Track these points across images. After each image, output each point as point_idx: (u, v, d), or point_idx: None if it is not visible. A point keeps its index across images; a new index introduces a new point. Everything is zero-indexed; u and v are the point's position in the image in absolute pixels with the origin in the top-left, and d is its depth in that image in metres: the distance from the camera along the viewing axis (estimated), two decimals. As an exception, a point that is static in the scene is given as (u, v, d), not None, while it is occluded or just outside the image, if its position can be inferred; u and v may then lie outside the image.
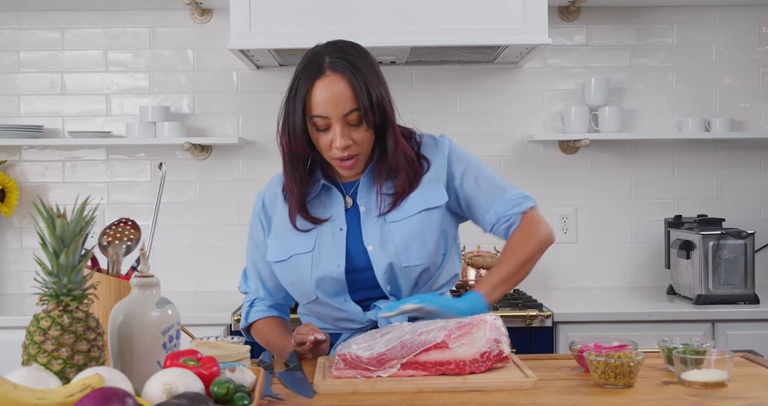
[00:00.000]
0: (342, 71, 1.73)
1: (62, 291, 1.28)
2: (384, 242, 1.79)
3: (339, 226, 1.82)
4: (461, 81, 3.31)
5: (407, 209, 1.81)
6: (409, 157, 1.83)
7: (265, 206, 1.92)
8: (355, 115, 1.73)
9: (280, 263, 1.85)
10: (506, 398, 1.40)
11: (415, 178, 1.83)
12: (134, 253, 1.61)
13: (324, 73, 1.73)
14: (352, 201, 1.85)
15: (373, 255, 1.79)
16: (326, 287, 1.80)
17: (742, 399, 1.38)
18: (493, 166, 3.30)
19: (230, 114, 3.31)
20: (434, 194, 1.84)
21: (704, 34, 3.33)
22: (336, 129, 1.73)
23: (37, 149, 3.30)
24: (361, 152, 1.78)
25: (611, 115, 3.17)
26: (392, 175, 1.82)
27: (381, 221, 1.81)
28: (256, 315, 1.96)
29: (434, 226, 1.82)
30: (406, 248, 1.79)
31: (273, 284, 1.94)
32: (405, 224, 1.80)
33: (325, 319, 1.86)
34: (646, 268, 3.32)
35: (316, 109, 1.73)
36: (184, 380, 1.18)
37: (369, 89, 1.73)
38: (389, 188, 1.82)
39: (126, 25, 3.30)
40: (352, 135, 1.74)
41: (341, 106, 1.72)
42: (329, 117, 1.73)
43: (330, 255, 1.80)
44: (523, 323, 2.70)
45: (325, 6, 2.78)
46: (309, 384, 1.50)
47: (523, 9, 2.80)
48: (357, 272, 1.81)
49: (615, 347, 1.58)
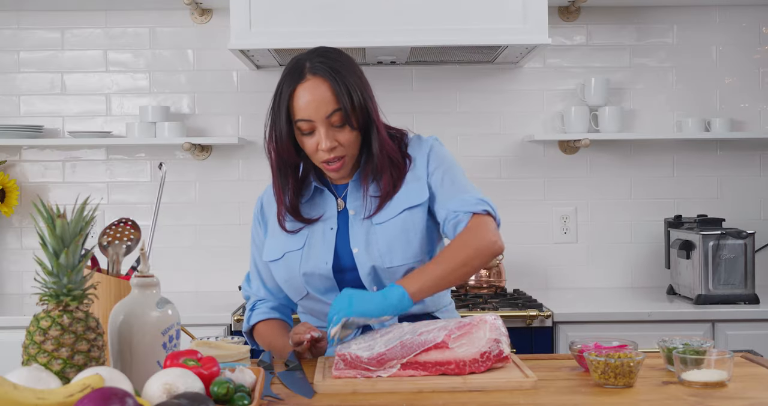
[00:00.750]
0: (321, 74, 1.76)
1: (62, 291, 1.28)
2: (368, 245, 1.82)
3: (330, 225, 1.86)
4: (461, 81, 3.31)
5: (391, 210, 1.83)
6: (394, 157, 1.84)
7: (263, 207, 1.98)
8: (337, 116, 1.76)
9: (276, 262, 1.88)
10: (506, 398, 1.40)
11: (398, 178, 1.84)
12: (134, 253, 1.61)
13: (305, 78, 1.77)
14: (344, 203, 1.87)
15: (357, 257, 1.82)
16: (315, 283, 1.83)
17: (742, 399, 1.38)
18: (493, 166, 3.32)
19: (230, 114, 3.31)
20: (416, 192, 1.85)
21: (704, 34, 3.33)
22: (321, 131, 1.76)
23: (37, 149, 3.30)
24: (347, 154, 1.80)
25: (611, 115, 3.17)
26: (378, 177, 1.84)
27: (367, 223, 1.84)
28: (258, 317, 1.96)
29: (418, 225, 1.83)
30: (390, 249, 1.80)
31: (273, 283, 1.95)
32: (389, 225, 1.82)
33: (319, 316, 1.89)
34: (646, 268, 3.32)
35: (300, 114, 1.77)
36: (184, 380, 1.18)
37: (350, 90, 1.76)
38: (375, 190, 1.84)
39: (126, 25, 3.30)
40: (337, 137, 1.77)
41: (323, 109, 1.75)
42: (313, 120, 1.76)
43: (319, 252, 1.83)
44: (523, 323, 2.70)
45: (325, 6, 2.78)
46: (309, 384, 1.50)
47: (523, 9, 2.80)
48: (344, 272, 1.84)
49: (615, 347, 1.58)
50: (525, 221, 3.29)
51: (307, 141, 1.79)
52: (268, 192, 1.97)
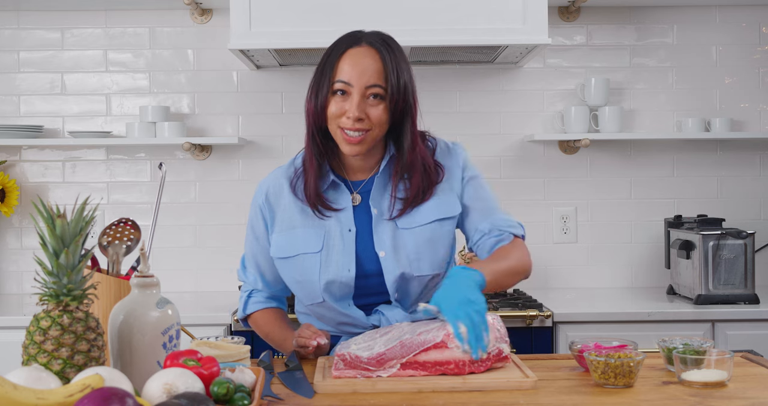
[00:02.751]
0: (377, 47, 1.74)
1: (62, 291, 1.28)
2: (396, 250, 1.77)
3: (347, 227, 1.79)
4: (461, 81, 3.31)
5: (420, 217, 1.79)
6: (428, 163, 1.81)
7: (268, 198, 1.87)
8: (377, 90, 1.72)
9: (286, 259, 1.82)
10: (506, 398, 1.40)
11: (429, 186, 1.80)
12: (134, 253, 1.61)
13: (359, 44, 1.75)
14: (360, 198, 1.82)
15: (384, 262, 1.77)
16: (334, 291, 1.78)
17: (742, 399, 1.38)
18: (493, 166, 3.32)
19: (230, 114, 3.31)
20: (449, 205, 1.82)
21: (704, 34, 3.33)
22: (354, 99, 1.71)
23: (37, 149, 3.30)
24: (372, 131, 1.73)
25: (611, 115, 3.17)
26: (407, 177, 1.79)
27: (392, 225, 1.78)
28: (254, 306, 1.94)
29: (446, 236, 1.81)
30: (418, 256, 1.77)
31: (272, 277, 1.91)
32: (417, 232, 1.78)
33: (327, 321, 1.84)
34: (646, 268, 3.32)
35: (341, 74, 1.72)
36: (184, 380, 1.18)
37: (399, 72, 1.73)
38: (402, 192, 1.79)
39: (126, 25, 3.30)
40: (368, 111, 1.72)
41: (366, 77, 1.71)
42: (351, 84, 1.71)
43: (340, 258, 1.77)
44: (523, 323, 2.70)
45: (324, 6, 2.78)
46: (309, 384, 1.50)
47: (523, 9, 2.80)
48: (366, 278, 1.78)
49: (615, 347, 1.59)
50: (525, 220, 3.25)
51: (336, 103, 1.73)
52: (275, 181, 1.87)
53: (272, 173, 1.90)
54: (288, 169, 1.87)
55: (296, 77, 3.26)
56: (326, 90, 1.74)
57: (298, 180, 1.83)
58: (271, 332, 1.90)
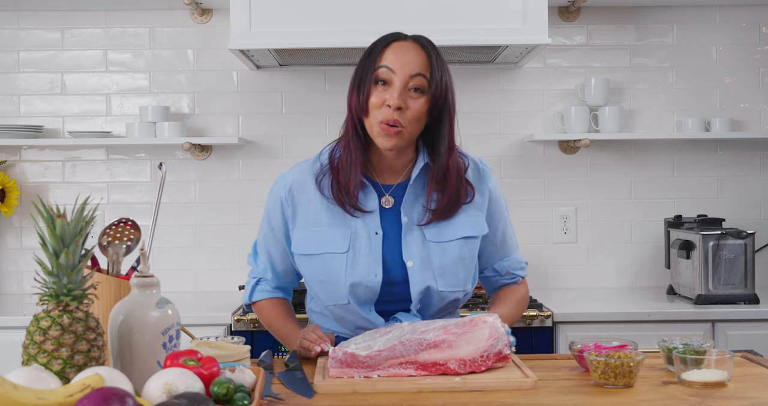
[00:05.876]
0: (422, 44, 1.75)
1: (62, 291, 1.28)
2: (424, 262, 1.76)
3: (374, 229, 1.77)
4: (461, 81, 3.31)
5: (449, 232, 1.79)
6: (462, 177, 1.81)
7: (291, 191, 1.83)
8: (420, 80, 1.71)
9: (310, 256, 1.79)
10: (506, 398, 1.40)
11: (458, 200, 1.80)
12: (134, 253, 1.61)
13: (406, 39, 1.76)
14: (393, 200, 1.80)
15: (411, 272, 1.76)
16: (359, 294, 1.76)
17: (742, 399, 1.38)
18: (493, 166, 3.30)
19: (230, 114, 3.31)
20: (476, 225, 1.83)
21: (704, 34, 3.33)
22: (396, 86, 1.70)
23: (37, 149, 3.30)
24: (407, 126, 1.72)
25: (611, 115, 3.17)
26: (442, 185, 1.78)
27: (421, 237, 1.77)
28: (261, 295, 1.94)
29: (470, 255, 1.82)
30: (443, 271, 1.77)
31: (283, 268, 1.91)
32: (445, 247, 1.78)
33: (345, 324, 1.83)
34: (646, 268, 3.32)
35: (385, 61, 1.72)
36: (184, 380, 1.18)
37: (442, 70, 1.74)
38: (434, 203, 1.78)
39: (126, 25, 3.30)
40: (408, 102, 1.71)
41: (411, 66, 1.71)
42: (395, 72, 1.71)
43: (366, 261, 1.75)
44: (523, 323, 2.70)
45: (325, 6, 2.78)
46: (309, 384, 1.50)
47: (523, 9, 2.80)
48: (392, 285, 1.77)
49: (615, 347, 1.59)
50: (525, 220, 3.29)
51: (378, 93, 1.71)
52: (299, 176, 1.83)
53: (295, 167, 1.87)
54: (314, 165, 1.84)
55: (296, 77, 3.26)
56: (369, 81, 1.72)
57: (324, 177, 1.80)
58: (274, 323, 1.90)
